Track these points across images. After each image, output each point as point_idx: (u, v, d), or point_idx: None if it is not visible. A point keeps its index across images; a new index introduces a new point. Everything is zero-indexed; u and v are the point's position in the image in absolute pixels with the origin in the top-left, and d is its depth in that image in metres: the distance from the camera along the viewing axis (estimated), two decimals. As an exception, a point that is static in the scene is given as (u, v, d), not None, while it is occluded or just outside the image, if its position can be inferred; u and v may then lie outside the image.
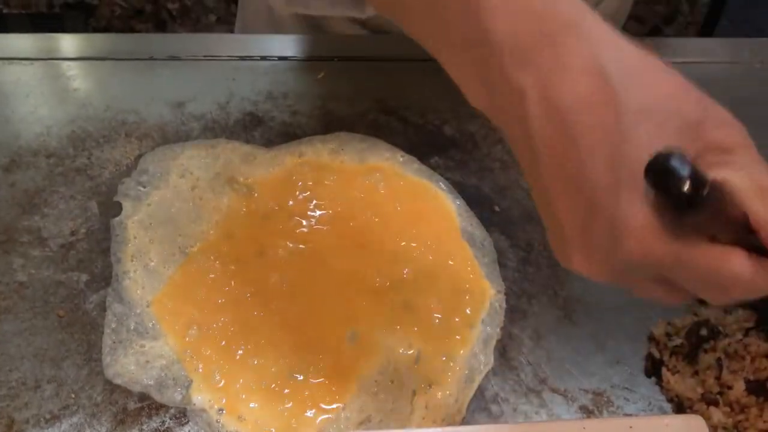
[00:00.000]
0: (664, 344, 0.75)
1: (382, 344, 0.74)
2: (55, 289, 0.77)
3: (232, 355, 0.72)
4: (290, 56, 1.03)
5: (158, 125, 0.93)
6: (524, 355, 0.75)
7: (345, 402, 0.71)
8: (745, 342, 0.73)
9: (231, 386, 0.71)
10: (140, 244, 0.81)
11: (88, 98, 0.95)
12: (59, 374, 0.71)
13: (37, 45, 1.04)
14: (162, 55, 1.01)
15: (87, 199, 0.85)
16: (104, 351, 0.73)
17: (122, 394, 0.70)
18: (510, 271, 0.82)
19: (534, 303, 0.79)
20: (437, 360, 0.74)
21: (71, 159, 0.89)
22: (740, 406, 0.70)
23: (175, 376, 0.71)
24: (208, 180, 0.87)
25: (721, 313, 0.75)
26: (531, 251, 0.84)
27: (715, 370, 0.71)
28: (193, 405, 0.70)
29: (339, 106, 0.97)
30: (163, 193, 0.85)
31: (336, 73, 1.01)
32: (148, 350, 0.73)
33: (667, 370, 0.73)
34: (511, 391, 0.73)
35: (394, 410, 0.70)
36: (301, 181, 0.86)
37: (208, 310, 0.76)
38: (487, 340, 0.76)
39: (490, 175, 0.91)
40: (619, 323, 0.78)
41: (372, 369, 0.73)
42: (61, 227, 0.82)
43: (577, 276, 0.81)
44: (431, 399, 0.71)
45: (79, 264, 0.79)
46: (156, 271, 0.79)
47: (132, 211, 0.84)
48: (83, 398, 0.70)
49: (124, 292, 0.77)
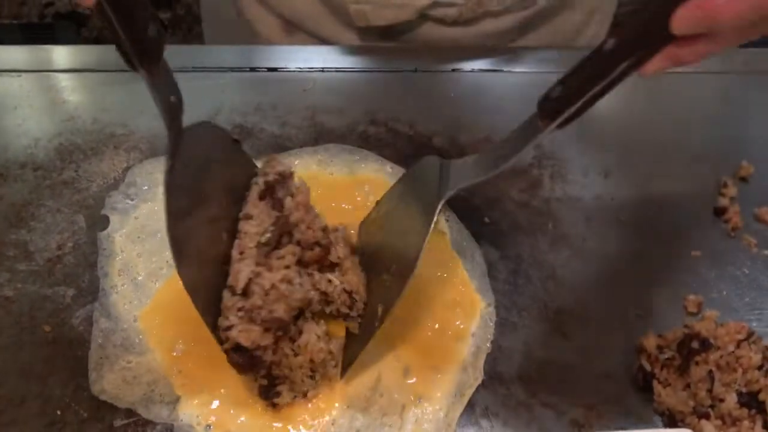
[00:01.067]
0: (655, 357, 0.74)
1: (371, 358, 0.74)
2: (41, 304, 0.76)
3: (219, 370, 0.72)
4: (280, 68, 1.03)
5: (146, 137, 0.93)
6: (514, 369, 0.75)
7: (334, 416, 0.70)
8: (737, 354, 0.72)
9: (219, 402, 0.70)
10: (128, 258, 0.80)
11: (76, 110, 0.95)
12: (45, 390, 0.70)
13: (24, 57, 1.04)
14: (150, 66, 1.00)
15: (74, 213, 0.84)
16: (90, 367, 0.72)
17: (109, 410, 0.69)
18: (500, 284, 0.81)
19: (524, 316, 0.79)
20: (427, 374, 0.73)
21: (58, 172, 0.88)
22: (732, 419, 0.70)
23: (162, 392, 0.71)
24: (196, 193, 0.86)
25: (713, 325, 0.75)
26: (521, 263, 0.83)
27: (706, 383, 0.71)
28: (181, 421, 0.69)
29: (328, 117, 0.97)
30: (151, 206, 0.85)
31: (325, 85, 1.01)
32: (134, 366, 0.72)
33: (658, 383, 0.73)
34: (501, 405, 0.72)
35: (383, 424, 0.70)
36: (290, 194, 0.85)
37: (196, 325, 0.74)
38: (477, 353, 0.75)
39: (479, 187, 0.90)
40: (609, 336, 0.78)
41: (361, 383, 0.72)
42: (48, 241, 0.81)
43: (567, 288, 0.81)
44: (421, 413, 0.71)
45: (66, 278, 0.79)
46: (143, 285, 0.78)
47: (119, 225, 0.83)
48: (69, 415, 0.69)
49: (111, 306, 0.76)
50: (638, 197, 0.91)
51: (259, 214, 0.72)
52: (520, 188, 0.91)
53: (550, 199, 0.90)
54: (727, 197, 0.91)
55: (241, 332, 0.66)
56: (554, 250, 0.85)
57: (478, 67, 1.05)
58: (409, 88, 1.02)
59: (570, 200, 0.90)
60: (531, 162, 0.94)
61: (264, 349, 0.67)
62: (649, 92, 1.03)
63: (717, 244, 0.87)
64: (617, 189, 0.92)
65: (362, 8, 1.04)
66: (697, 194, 0.92)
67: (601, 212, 0.89)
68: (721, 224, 0.89)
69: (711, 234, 0.88)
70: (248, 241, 0.70)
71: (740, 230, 0.88)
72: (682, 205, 0.91)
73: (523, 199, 0.90)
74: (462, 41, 1.10)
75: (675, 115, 1.03)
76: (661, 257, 0.85)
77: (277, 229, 0.71)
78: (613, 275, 0.83)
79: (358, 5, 1.04)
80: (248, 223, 0.72)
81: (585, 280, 0.82)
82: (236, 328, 0.66)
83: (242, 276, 0.67)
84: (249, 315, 0.66)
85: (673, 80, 1.06)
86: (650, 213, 0.90)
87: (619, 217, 0.89)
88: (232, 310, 0.67)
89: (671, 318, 0.79)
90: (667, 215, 0.89)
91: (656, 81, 1.06)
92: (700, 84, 1.08)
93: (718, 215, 0.90)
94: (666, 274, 0.83)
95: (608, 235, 0.87)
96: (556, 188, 0.92)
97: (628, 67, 0.61)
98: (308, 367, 0.70)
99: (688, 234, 0.87)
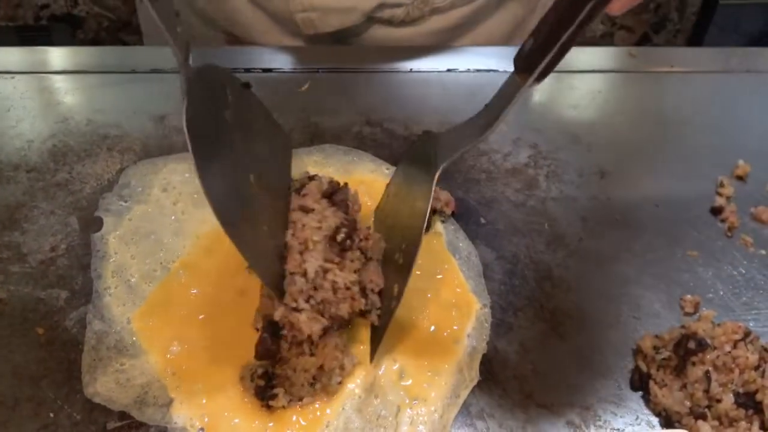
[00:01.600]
0: (652, 357, 0.74)
1: (366, 359, 0.73)
2: (34, 306, 0.76)
3: (213, 373, 0.71)
4: (274, 68, 1.02)
5: (140, 139, 0.92)
6: (510, 370, 0.74)
7: (329, 419, 0.69)
8: (734, 354, 0.72)
9: (212, 404, 0.69)
10: (121, 260, 0.80)
11: (70, 112, 0.95)
12: (38, 393, 0.70)
13: (17, 58, 1.03)
14: (144, 67, 1.00)
15: (67, 215, 0.84)
16: (84, 369, 0.71)
17: (102, 413, 0.69)
18: (496, 284, 0.81)
19: (520, 316, 0.78)
20: (422, 375, 0.73)
21: (52, 174, 0.88)
22: (729, 419, 0.69)
23: (155, 394, 0.70)
24: (190, 194, 0.86)
25: (709, 325, 0.75)
26: (517, 263, 0.83)
27: (703, 383, 0.71)
28: (174, 424, 0.68)
29: (323, 118, 0.96)
30: (144, 208, 0.84)
31: (320, 86, 1.01)
32: (128, 368, 0.72)
33: (654, 384, 0.72)
34: (496, 406, 0.71)
35: (378, 426, 0.69)
36: (284, 195, 0.85)
37: (190, 327, 0.75)
38: (472, 354, 0.75)
39: (475, 187, 0.90)
40: (606, 336, 0.77)
41: (356, 384, 0.72)
42: (41, 243, 0.81)
43: (563, 289, 0.81)
44: (416, 415, 0.70)
45: (59, 280, 0.78)
46: (137, 287, 0.78)
47: (113, 226, 0.83)
48: (62, 417, 0.68)
49: (104, 308, 0.76)
50: (634, 197, 0.91)
51: (322, 210, 0.75)
52: (515, 188, 0.91)
53: (546, 199, 0.90)
54: (723, 197, 0.91)
55: (308, 320, 0.67)
56: (550, 250, 0.85)
57: (473, 67, 1.05)
58: (405, 89, 1.02)
59: (566, 200, 0.90)
60: (526, 162, 0.94)
61: (291, 343, 0.68)
62: (644, 92, 1.03)
63: (714, 244, 0.86)
64: (613, 189, 0.92)
65: (309, 16, 1.04)
66: (693, 194, 0.92)
67: (597, 212, 0.89)
68: (718, 224, 0.89)
69: (708, 233, 0.87)
70: (310, 233, 0.72)
71: (737, 230, 0.88)
72: (679, 204, 0.90)
73: (519, 199, 0.90)
74: (412, 41, 1.10)
75: (671, 114, 1.03)
76: (658, 257, 0.85)
77: (348, 230, 0.73)
78: (609, 275, 0.83)
79: (304, 13, 1.04)
80: (308, 216, 0.74)
81: (581, 281, 0.82)
82: (306, 313, 0.67)
83: (311, 267, 0.69)
84: (318, 307, 0.68)
85: (669, 79, 1.07)
86: (646, 213, 0.89)
87: (615, 217, 0.89)
88: (301, 295, 0.68)
89: (668, 318, 0.79)
90: (664, 215, 0.89)
91: (651, 80, 1.06)
92: (696, 83, 1.08)
93: (715, 215, 0.89)
94: (662, 274, 0.83)
95: (604, 235, 0.87)
96: (552, 188, 0.91)
97: (594, 8, 0.60)
98: (313, 373, 0.69)
99: (685, 234, 0.87)
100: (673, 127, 1.01)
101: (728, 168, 0.95)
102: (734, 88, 1.08)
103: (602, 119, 1.02)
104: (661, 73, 1.09)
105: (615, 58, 1.14)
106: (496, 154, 0.94)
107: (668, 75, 1.09)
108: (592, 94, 1.06)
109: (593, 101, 1.04)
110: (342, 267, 0.71)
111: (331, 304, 0.69)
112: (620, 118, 1.02)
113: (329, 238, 0.72)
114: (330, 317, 0.69)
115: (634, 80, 1.09)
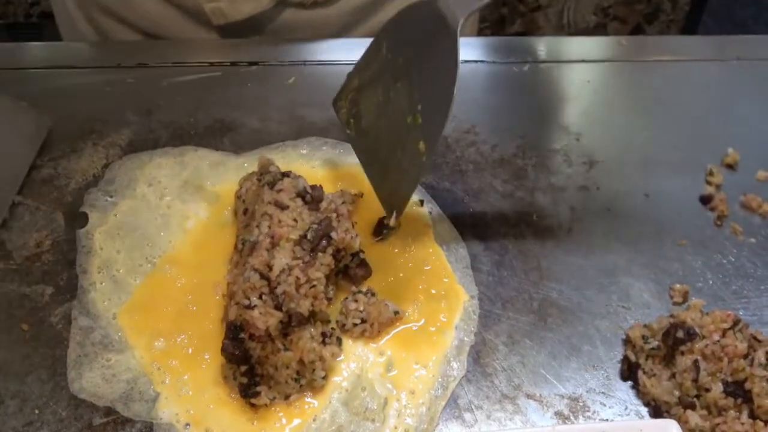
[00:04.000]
0: (641, 347, 0.73)
1: (353, 351, 0.73)
2: (19, 303, 0.75)
3: (199, 367, 0.71)
4: (260, 61, 1.02)
5: (126, 134, 0.92)
6: (498, 361, 0.74)
7: (316, 412, 0.69)
8: (723, 343, 0.71)
9: (198, 399, 0.69)
10: (107, 255, 0.79)
11: (55, 107, 0.94)
12: (23, 389, 0.69)
13: (2, 54, 1.02)
14: (130, 62, 0.99)
15: (53, 210, 0.83)
16: (69, 365, 0.71)
17: (87, 409, 0.68)
18: (484, 275, 0.80)
19: (508, 307, 0.78)
20: (409, 367, 0.72)
21: (37, 169, 0.87)
22: (718, 408, 0.69)
23: (141, 389, 0.70)
24: (176, 188, 0.85)
25: (698, 314, 0.74)
26: (505, 254, 0.82)
27: (692, 373, 0.70)
28: (160, 419, 0.68)
29: (310, 111, 0.96)
30: (130, 203, 0.84)
31: (306, 78, 1.00)
32: (114, 364, 0.71)
33: (643, 374, 0.72)
34: (485, 398, 0.71)
35: (365, 419, 0.69)
36: (271, 188, 0.85)
37: (176, 322, 0.74)
38: (460, 346, 0.74)
39: (463, 178, 0.89)
40: (594, 327, 0.77)
41: (343, 377, 0.71)
42: (26, 239, 0.81)
43: (551, 279, 0.80)
44: (403, 407, 0.70)
45: (44, 276, 0.78)
46: (123, 281, 0.77)
47: (98, 222, 0.82)
48: (48, 414, 0.68)
49: (89, 304, 0.75)
50: (623, 186, 0.90)
51: (297, 208, 0.74)
52: (503, 179, 0.90)
53: (535, 190, 0.89)
54: (713, 185, 0.91)
55: (261, 315, 0.66)
56: (539, 241, 0.84)
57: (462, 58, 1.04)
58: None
59: (554, 190, 0.90)
60: (515, 152, 0.93)
61: (258, 341, 0.67)
62: (634, 81, 1.02)
63: (703, 233, 0.86)
64: (602, 178, 0.91)
65: (218, 5, 1.02)
66: (682, 182, 0.91)
67: (585, 202, 0.89)
68: (707, 212, 0.88)
69: (697, 222, 0.87)
70: (285, 230, 0.72)
71: (727, 218, 0.87)
72: (668, 193, 0.90)
73: (507, 189, 0.89)
74: (327, 24, 1.08)
75: (660, 103, 1.02)
76: (647, 246, 0.84)
77: (321, 230, 0.72)
78: (597, 265, 0.82)
79: (212, 3, 1.02)
80: (283, 213, 0.73)
81: (569, 271, 0.81)
82: (258, 309, 0.67)
83: (278, 264, 0.69)
84: (276, 301, 0.67)
85: (658, 68, 1.06)
86: (635, 202, 0.89)
87: (603, 206, 0.88)
88: (256, 291, 0.68)
89: (657, 307, 0.79)
90: (653, 204, 0.89)
91: (641, 69, 1.06)
92: (685, 71, 1.07)
93: (705, 203, 0.89)
94: (652, 264, 0.83)
95: (593, 225, 0.86)
96: (541, 178, 0.91)
97: None
98: (295, 368, 0.69)
99: (674, 223, 0.87)
100: (662, 116, 1.00)
101: (718, 156, 0.94)
102: (723, 77, 1.08)
103: (591, 109, 1.01)
104: (651, 62, 1.08)
105: (605, 48, 1.13)
106: (484, 145, 0.94)
107: (657, 64, 1.08)
108: (582, 83, 1.05)
109: (582, 91, 1.04)
110: (310, 265, 0.70)
111: (292, 299, 0.68)
112: (609, 108, 1.02)
113: (302, 237, 0.72)
114: (288, 312, 0.68)
115: (624, 70, 1.08)
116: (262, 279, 0.68)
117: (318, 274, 0.70)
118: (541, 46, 1.09)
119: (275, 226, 0.72)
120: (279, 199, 0.74)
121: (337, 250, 0.74)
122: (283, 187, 0.76)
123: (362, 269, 0.77)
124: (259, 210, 0.74)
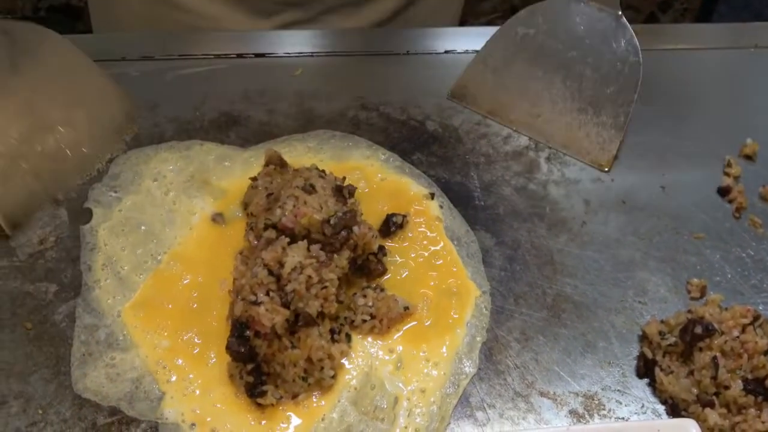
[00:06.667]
0: (657, 343, 0.72)
1: (362, 348, 0.72)
2: (22, 301, 0.74)
3: (205, 366, 0.70)
4: (267, 53, 1.00)
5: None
6: (511, 358, 0.72)
7: (324, 411, 0.68)
8: (742, 339, 0.69)
9: (204, 398, 0.68)
10: (111, 252, 0.78)
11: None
12: (27, 389, 0.68)
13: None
14: (135, 55, 0.98)
15: (56, 206, 0.82)
16: (73, 364, 0.70)
17: (92, 408, 0.67)
18: (496, 271, 0.79)
19: (521, 303, 0.76)
20: (420, 365, 0.71)
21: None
22: (738, 406, 0.67)
23: (147, 388, 0.68)
24: (181, 183, 0.84)
25: (717, 310, 0.72)
26: (518, 249, 0.81)
27: (710, 370, 0.68)
28: (165, 419, 0.67)
29: (317, 103, 0.94)
30: (135, 198, 0.83)
31: (314, 70, 0.99)
32: (118, 362, 0.70)
33: (660, 371, 0.70)
34: (497, 396, 0.69)
35: (375, 418, 0.67)
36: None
37: (182, 319, 0.73)
38: (472, 343, 0.73)
39: (474, 171, 0.88)
40: (610, 322, 0.75)
41: (352, 375, 0.70)
42: (30, 236, 0.79)
43: (565, 274, 0.79)
44: (414, 406, 0.68)
45: (48, 274, 0.76)
46: (127, 278, 0.76)
47: (103, 218, 0.81)
48: (51, 414, 0.67)
49: (94, 302, 0.74)
50: (639, 178, 0.89)
51: (324, 195, 0.74)
52: (516, 172, 0.88)
53: (548, 182, 0.88)
54: (731, 176, 0.89)
55: (267, 311, 0.65)
56: (552, 234, 0.82)
57: (471, 48, 1.02)
58: (401, 72, 0.99)
59: (568, 183, 0.88)
60: (527, 144, 0.92)
61: (264, 339, 0.66)
62: (647, 70, 1.00)
63: (721, 226, 0.84)
64: (617, 170, 0.89)
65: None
66: (700, 174, 0.89)
67: (600, 194, 0.87)
68: (726, 205, 0.86)
69: (715, 215, 0.85)
70: (310, 210, 0.71)
71: (745, 210, 0.85)
72: (685, 185, 0.88)
73: (520, 182, 0.87)
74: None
75: (677, 92, 1.00)
76: (663, 240, 0.82)
77: (345, 219, 0.72)
78: (613, 259, 0.80)
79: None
80: (310, 196, 0.73)
81: (584, 265, 0.80)
82: (264, 305, 0.66)
83: (290, 261, 0.68)
84: (284, 299, 0.66)
85: (674, 57, 1.04)
86: (651, 194, 0.87)
87: (618, 199, 0.86)
88: (263, 287, 0.67)
89: (674, 303, 0.77)
90: (669, 196, 0.87)
91: (655, 58, 1.03)
92: (701, 61, 1.05)
93: (722, 195, 0.87)
94: (668, 258, 0.81)
95: (608, 218, 0.84)
96: (554, 171, 0.89)
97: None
98: (303, 367, 0.67)
99: (691, 215, 0.85)
100: (677, 105, 0.98)
101: (736, 147, 0.92)
102: (742, 65, 1.06)
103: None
104: (667, 50, 1.06)
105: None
106: (496, 137, 0.92)
107: (674, 52, 1.06)
108: (595, 73, 1.03)
109: (596, 81, 1.02)
110: (325, 265, 0.70)
111: (301, 298, 0.67)
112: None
113: (325, 221, 0.71)
114: (296, 311, 0.67)
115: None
116: (270, 275, 0.67)
117: (332, 275, 0.69)
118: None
119: (301, 206, 0.71)
120: (309, 182, 0.74)
121: (355, 247, 0.73)
122: (306, 174, 0.76)
123: (380, 267, 0.76)
124: (285, 193, 0.73)
